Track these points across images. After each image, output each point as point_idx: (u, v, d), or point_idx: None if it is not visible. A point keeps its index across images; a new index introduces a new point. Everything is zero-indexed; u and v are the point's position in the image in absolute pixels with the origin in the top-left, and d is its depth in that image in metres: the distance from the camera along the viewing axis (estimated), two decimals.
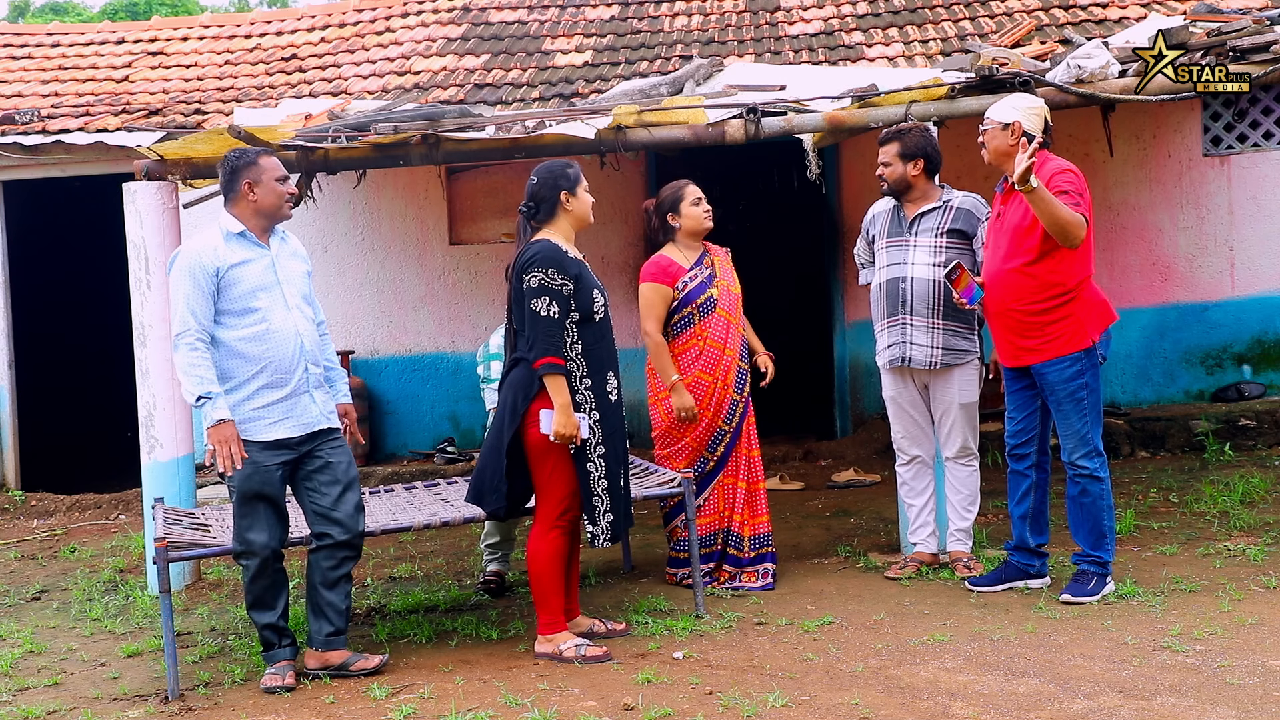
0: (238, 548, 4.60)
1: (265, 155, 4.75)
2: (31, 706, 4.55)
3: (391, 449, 9.44)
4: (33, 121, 8.39)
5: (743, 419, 5.66)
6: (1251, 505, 6.57)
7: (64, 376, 11.18)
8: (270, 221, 4.72)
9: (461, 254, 9.43)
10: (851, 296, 9.15)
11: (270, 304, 4.62)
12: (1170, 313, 9.02)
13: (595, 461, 4.69)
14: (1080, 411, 5.04)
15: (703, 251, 5.72)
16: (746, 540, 5.62)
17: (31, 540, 7.87)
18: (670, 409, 5.60)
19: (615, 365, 4.85)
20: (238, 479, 4.55)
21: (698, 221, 5.66)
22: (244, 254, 4.62)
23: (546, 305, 4.63)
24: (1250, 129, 8.89)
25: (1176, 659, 4.33)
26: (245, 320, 4.57)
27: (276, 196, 4.69)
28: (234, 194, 4.69)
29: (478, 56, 9.43)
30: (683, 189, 5.69)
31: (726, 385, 5.60)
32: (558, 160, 4.91)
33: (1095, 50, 5.84)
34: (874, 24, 9.12)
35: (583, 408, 4.68)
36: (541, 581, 4.77)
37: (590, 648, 4.71)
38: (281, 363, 4.60)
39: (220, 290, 4.55)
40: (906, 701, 4.07)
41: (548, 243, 4.73)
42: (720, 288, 5.66)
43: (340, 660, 4.70)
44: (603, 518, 4.70)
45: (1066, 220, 4.81)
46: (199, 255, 4.57)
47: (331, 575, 4.68)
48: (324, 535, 4.66)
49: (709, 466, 5.63)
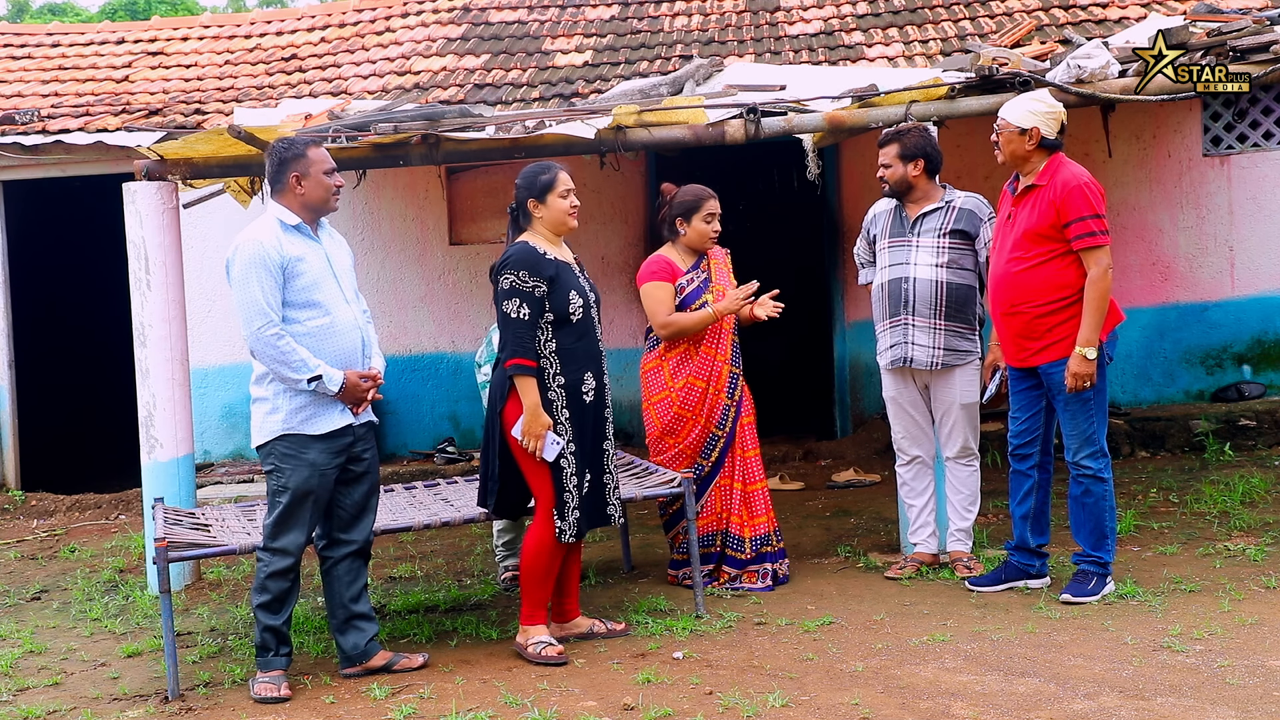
0: (272, 547, 4.52)
1: (314, 147, 4.66)
2: (31, 706, 4.55)
3: (391, 449, 9.44)
4: (33, 121, 8.38)
5: (735, 422, 5.64)
6: (1251, 505, 6.57)
7: (64, 376, 11.18)
8: (317, 215, 4.66)
9: (461, 254, 9.43)
10: (851, 296, 9.15)
11: (331, 298, 4.58)
12: (1170, 313, 9.02)
13: (567, 458, 4.70)
14: (1086, 412, 5.04)
15: (700, 255, 5.71)
16: (747, 541, 5.62)
17: (31, 540, 7.87)
18: (662, 417, 5.60)
19: (596, 365, 4.83)
20: (294, 479, 4.50)
21: (703, 239, 5.63)
22: (302, 247, 4.56)
23: (517, 307, 4.65)
24: (1250, 129, 8.89)
25: (1176, 659, 4.33)
26: (308, 314, 4.51)
27: (324, 190, 4.61)
28: (281, 186, 4.60)
29: (478, 56, 9.43)
30: (701, 202, 5.62)
31: (719, 390, 5.59)
32: (538, 164, 4.89)
33: (1095, 50, 5.84)
34: (874, 24, 9.12)
35: (554, 405, 4.69)
36: (528, 573, 4.79)
37: (549, 647, 4.72)
38: (345, 356, 4.57)
39: (285, 282, 4.48)
40: (906, 701, 4.07)
41: (523, 245, 4.75)
42: (715, 293, 5.64)
43: (384, 662, 4.69)
44: (570, 514, 4.71)
45: (1104, 305, 4.95)
46: (263, 246, 4.47)
47: (357, 586, 4.69)
48: (344, 543, 4.66)
49: (704, 471, 5.62)
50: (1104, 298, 4.93)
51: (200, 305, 9.09)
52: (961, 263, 5.53)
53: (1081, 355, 4.90)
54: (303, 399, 4.51)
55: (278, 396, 4.54)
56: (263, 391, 4.59)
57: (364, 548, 4.73)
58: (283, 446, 4.53)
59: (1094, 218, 4.94)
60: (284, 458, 4.53)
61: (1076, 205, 4.93)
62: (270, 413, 4.56)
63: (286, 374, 4.46)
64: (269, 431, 4.56)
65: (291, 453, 4.52)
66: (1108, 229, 5.03)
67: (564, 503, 4.71)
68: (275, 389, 4.54)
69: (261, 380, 4.59)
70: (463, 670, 4.68)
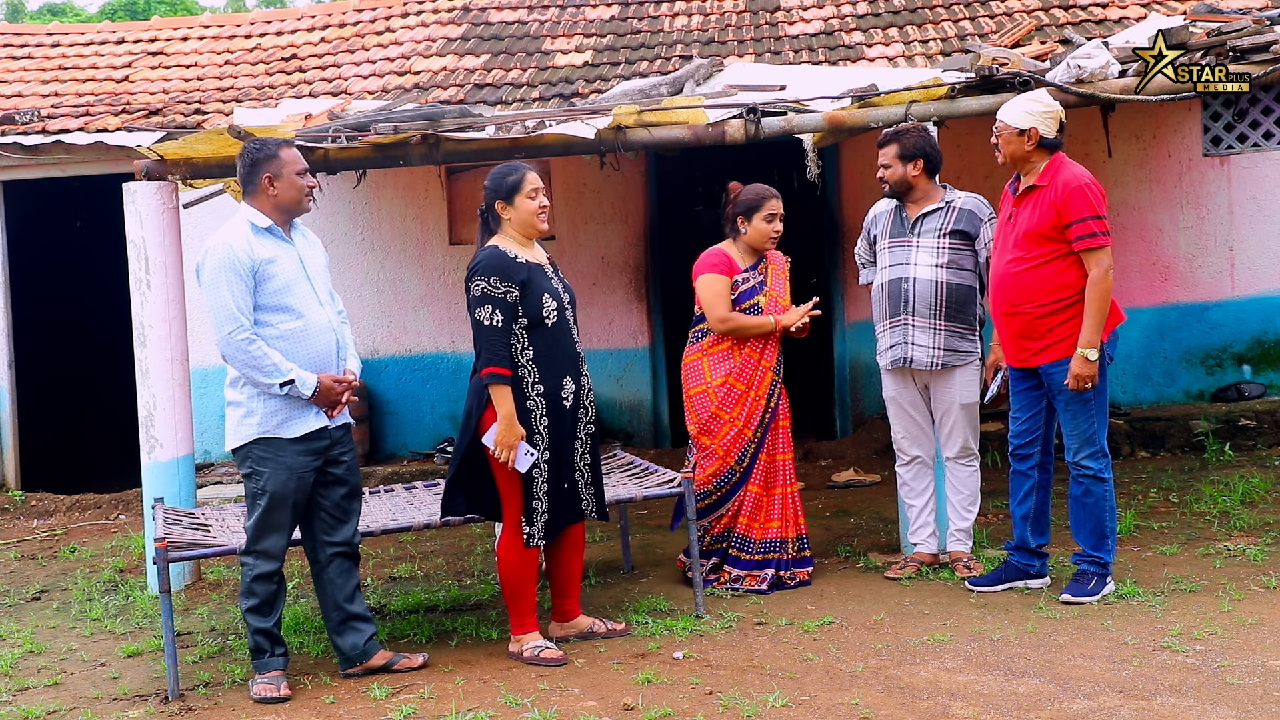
0: (255, 550, 4.52)
1: (285, 147, 4.63)
2: (31, 706, 4.55)
3: (391, 449, 9.45)
4: (33, 121, 8.38)
5: (768, 428, 5.60)
6: (1251, 505, 6.57)
7: (64, 376, 11.18)
8: (290, 216, 4.63)
9: (462, 254, 9.42)
10: (851, 296, 9.15)
11: (304, 300, 4.55)
12: (1170, 313, 9.02)
13: (540, 468, 4.67)
14: (1087, 412, 5.04)
15: (760, 257, 5.67)
16: (754, 543, 5.57)
17: (31, 540, 7.87)
18: (700, 415, 5.55)
19: (575, 369, 4.79)
20: (272, 483, 4.48)
21: (763, 238, 5.59)
22: (274, 249, 4.52)
23: (489, 314, 4.61)
24: (1250, 129, 8.89)
25: (1176, 659, 4.33)
26: (280, 317, 4.49)
27: (297, 190, 4.58)
28: (253, 187, 4.57)
29: (478, 56, 9.43)
30: (763, 200, 5.59)
31: (759, 396, 5.55)
32: (505, 165, 4.84)
33: (1095, 50, 5.84)
34: (874, 24, 9.12)
35: (533, 414, 4.65)
36: (506, 585, 4.79)
37: (547, 650, 4.72)
38: (320, 359, 4.55)
39: (256, 285, 4.45)
40: (906, 701, 4.07)
41: (493, 250, 4.70)
42: (769, 297, 5.61)
43: (383, 662, 4.68)
44: (539, 519, 4.70)
45: (1105, 306, 4.93)
46: (233, 249, 4.44)
47: (349, 586, 4.67)
48: (335, 545, 4.65)
49: (734, 478, 5.56)
50: (1105, 298, 4.93)
51: (200, 305, 9.00)
52: (962, 263, 5.53)
53: (1083, 356, 4.90)
54: (277, 402, 4.49)
55: (252, 400, 4.51)
56: (237, 395, 4.56)
57: (352, 549, 4.70)
58: (259, 450, 4.51)
59: (1095, 218, 4.94)
60: (261, 461, 4.51)
61: (1077, 206, 4.93)
62: (245, 416, 4.53)
63: (259, 378, 4.44)
64: (244, 435, 4.53)
65: (268, 456, 4.50)
66: (1109, 229, 5.03)
67: (532, 510, 4.70)
68: (249, 392, 4.52)
69: (236, 384, 4.57)
70: (463, 670, 4.69)
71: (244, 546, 4.58)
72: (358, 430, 8.97)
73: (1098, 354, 4.92)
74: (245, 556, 4.57)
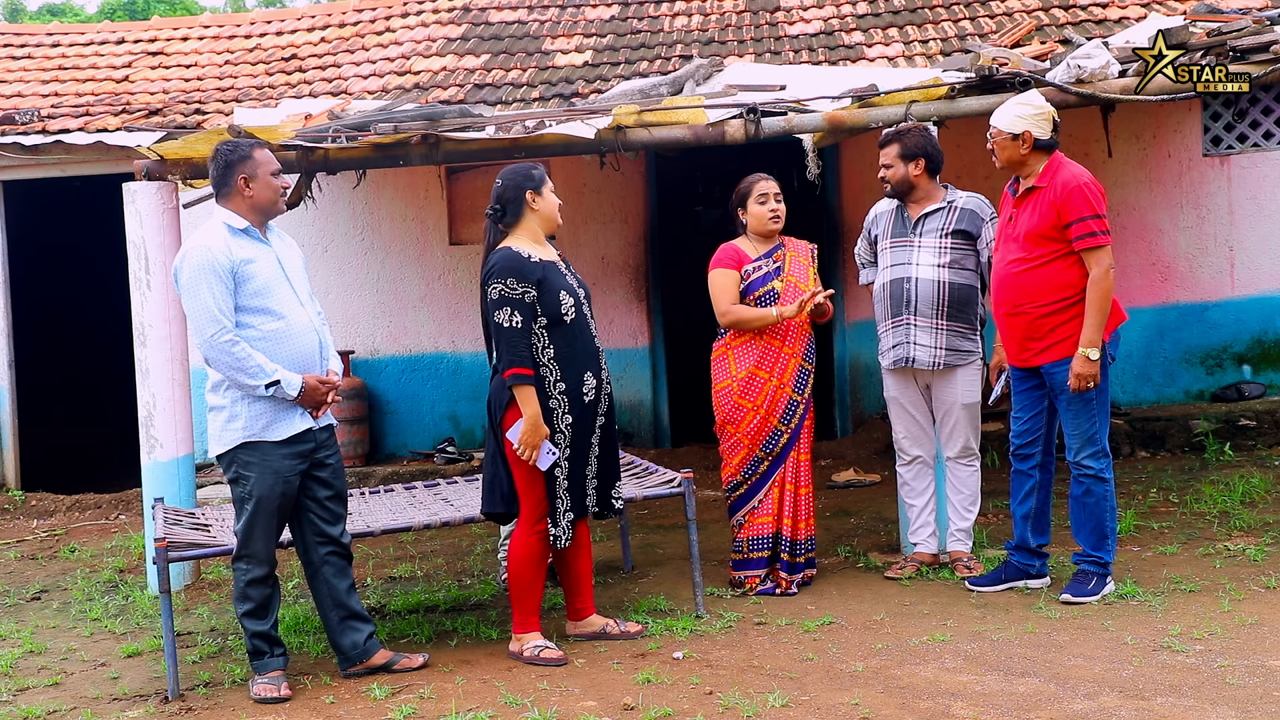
0: (246, 555, 4.51)
1: (259, 148, 4.61)
2: (31, 706, 4.55)
3: (391, 449, 9.44)
4: (33, 121, 8.39)
5: (802, 421, 5.53)
6: (1251, 505, 6.57)
7: (64, 376, 11.18)
8: (266, 217, 4.60)
9: (462, 254, 9.43)
10: (852, 296, 9.15)
11: (284, 301, 4.52)
12: (1170, 313, 9.02)
13: (561, 466, 4.69)
14: (1089, 412, 5.04)
15: (776, 245, 5.62)
16: (801, 545, 5.54)
17: (31, 540, 7.87)
18: (723, 406, 5.51)
19: (595, 364, 4.79)
20: (259, 487, 4.47)
21: (762, 221, 5.54)
22: (251, 250, 4.50)
23: (509, 316, 4.62)
24: (1250, 129, 8.89)
25: (1176, 659, 4.33)
26: (262, 319, 4.46)
27: (273, 191, 4.55)
28: (228, 189, 4.54)
29: (478, 56, 9.43)
30: (751, 185, 5.58)
31: (784, 384, 5.48)
32: (523, 163, 4.90)
33: (1095, 50, 5.84)
34: (874, 24, 9.12)
35: (556, 413, 4.66)
36: (515, 582, 4.79)
37: (547, 650, 4.72)
38: (302, 360, 4.53)
39: (235, 287, 4.42)
40: (906, 701, 4.07)
41: (507, 251, 4.70)
42: (787, 283, 5.52)
43: (384, 661, 4.68)
44: (563, 518, 4.72)
45: (1106, 306, 4.93)
46: (211, 251, 4.41)
47: (344, 586, 4.66)
48: (328, 545, 4.64)
49: (763, 467, 5.51)
50: (1106, 298, 4.93)
51: None
52: (963, 263, 5.53)
53: (1085, 356, 4.90)
54: (261, 405, 4.46)
55: (236, 404, 4.48)
56: (220, 399, 4.52)
57: (344, 548, 4.69)
58: (245, 454, 4.49)
59: (1095, 218, 4.94)
60: (247, 465, 4.48)
61: (1077, 206, 4.93)
62: (229, 420, 4.50)
63: (243, 380, 4.40)
64: (229, 441, 4.50)
65: (254, 460, 4.48)
66: (1109, 229, 5.03)
67: (556, 509, 4.71)
68: (233, 396, 4.48)
69: (218, 388, 4.52)
70: (463, 670, 4.68)
71: (234, 552, 4.57)
72: (358, 430, 9.02)
73: (1099, 353, 4.92)
74: (237, 562, 4.56)
